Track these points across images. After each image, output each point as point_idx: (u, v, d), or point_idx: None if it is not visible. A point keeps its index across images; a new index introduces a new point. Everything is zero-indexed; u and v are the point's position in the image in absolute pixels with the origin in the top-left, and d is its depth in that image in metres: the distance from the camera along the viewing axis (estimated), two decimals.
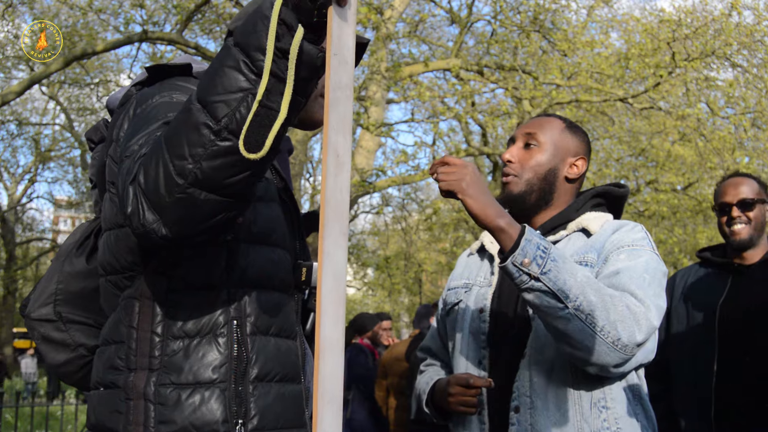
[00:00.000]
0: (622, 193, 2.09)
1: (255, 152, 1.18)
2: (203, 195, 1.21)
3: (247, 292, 1.46)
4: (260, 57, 1.17)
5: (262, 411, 1.43)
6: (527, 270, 1.66)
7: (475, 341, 1.97)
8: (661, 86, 10.84)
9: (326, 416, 1.11)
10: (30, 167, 24.49)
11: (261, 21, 1.18)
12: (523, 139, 2.05)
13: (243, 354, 1.43)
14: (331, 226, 1.13)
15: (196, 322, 1.43)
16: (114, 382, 1.45)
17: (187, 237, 1.28)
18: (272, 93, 1.18)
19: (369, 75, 10.43)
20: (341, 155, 1.15)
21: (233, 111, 1.18)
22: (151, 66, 1.57)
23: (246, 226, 1.46)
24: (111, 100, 1.63)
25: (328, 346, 1.12)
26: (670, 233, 13.44)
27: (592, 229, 1.95)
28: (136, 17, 11.00)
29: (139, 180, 1.24)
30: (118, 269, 1.49)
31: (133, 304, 1.46)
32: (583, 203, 2.05)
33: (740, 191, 2.91)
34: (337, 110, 1.15)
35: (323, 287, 1.12)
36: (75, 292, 1.70)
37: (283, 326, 1.51)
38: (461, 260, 2.21)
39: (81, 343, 1.69)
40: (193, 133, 1.19)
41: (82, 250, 1.72)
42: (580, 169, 2.05)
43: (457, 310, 2.07)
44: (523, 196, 2.01)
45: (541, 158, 2.01)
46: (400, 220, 16.80)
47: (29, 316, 1.72)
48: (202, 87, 1.22)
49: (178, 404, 1.39)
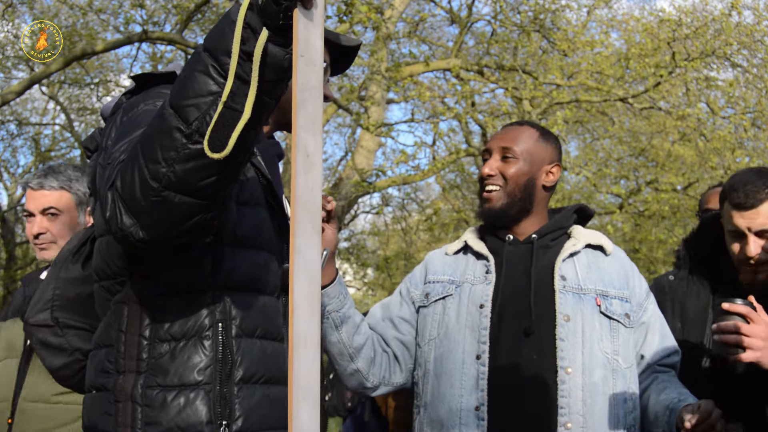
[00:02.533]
0: (592, 213, 2.27)
1: (219, 152, 1.20)
2: (178, 198, 1.24)
3: (232, 295, 1.48)
4: (227, 60, 1.20)
5: (247, 412, 1.45)
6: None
7: (472, 335, 1.98)
8: (661, 86, 10.83)
9: (302, 413, 1.12)
10: (30, 167, 24.48)
11: (228, 26, 1.21)
12: (499, 153, 2.11)
13: (228, 356, 1.45)
14: (302, 223, 1.16)
15: (182, 326, 1.45)
16: (104, 385, 1.48)
17: (164, 239, 1.30)
18: (237, 95, 1.20)
19: (369, 75, 10.42)
20: (311, 154, 1.18)
21: (203, 114, 1.21)
22: (137, 75, 1.60)
23: (230, 230, 1.48)
24: (104, 109, 1.65)
25: (302, 342, 1.13)
26: (670, 233, 13.42)
27: (607, 248, 2.11)
28: (136, 17, 10.99)
29: (117, 185, 1.27)
30: (109, 275, 1.51)
31: (122, 308, 1.49)
32: (570, 215, 2.16)
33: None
34: (305, 110, 1.17)
35: (295, 284, 1.14)
36: (71, 298, 1.74)
37: (269, 329, 1.52)
38: (436, 258, 2.22)
39: (77, 347, 1.73)
40: (166, 137, 1.22)
41: (78, 256, 1.76)
42: (556, 176, 2.13)
43: (446, 303, 2.08)
44: (506, 210, 2.07)
45: (519, 169, 2.08)
46: (400, 220, 16.80)
47: (27, 321, 1.76)
48: (174, 92, 1.25)
49: (164, 406, 1.41)
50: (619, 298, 2.03)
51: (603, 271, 2.05)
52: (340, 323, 2.00)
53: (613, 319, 1.98)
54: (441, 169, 12.77)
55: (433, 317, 2.09)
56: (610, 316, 1.98)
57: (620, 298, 2.03)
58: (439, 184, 16.60)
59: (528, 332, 1.94)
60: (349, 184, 11.26)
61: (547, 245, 2.07)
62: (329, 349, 2.04)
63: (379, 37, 10.04)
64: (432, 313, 2.10)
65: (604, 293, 2.02)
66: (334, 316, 1.98)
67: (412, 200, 17.18)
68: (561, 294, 1.96)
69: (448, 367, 2.00)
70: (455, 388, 1.97)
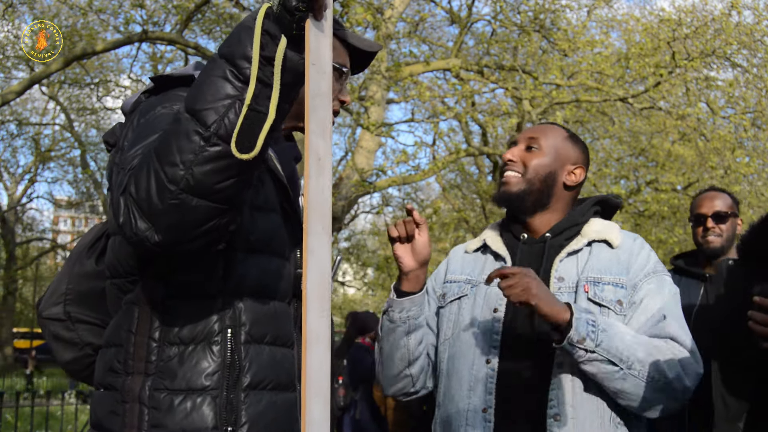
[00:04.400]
0: (617, 203, 2.20)
1: (248, 153, 1.24)
2: (195, 201, 1.25)
3: (243, 300, 1.49)
4: (246, 65, 1.24)
5: (253, 418, 1.46)
6: (583, 346, 1.80)
7: (484, 338, 1.99)
8: (661, 86, 10.83)
9: (314, 408, 1.16)
10: (30, 167, 24.51)
11: (245, 32, 1.26)
12: (525, 142, 2.11)
13: (236, 362, 1.46)
14: (314, 224, 1.21)
15: (191, 330, 1.46)
16: (112, 384, 1.49)
17: (179, 243, 1.31)
18: (260, 97, 1.25)
19: (369, 75, 10.42)
20: (322, 158, 1.24)
21: (222, 117, 1.24)
22: (157, 76, 1.62)
23: (243, 236, 1.49)
24: (125, 105, 1.66)
25: (315, 338, 1.18)
26: (670, 233, 13.42)
27: (614, 241, 2.04)
28: (136, 17, 10.99)
29: (130, 190, 1.28)
30: (121, 273, 1.53)
31: (132, 309, 1.50)
32: (588, 209, 2.12)
33: (715, 204, 3.18)
34: (316, 115, 1.24)
35: (308, 283, 1.19)
36: (84, 293, 1.74)
37: (279, 334, 1.53)
38: (457, 256, 2.23)
39: (88, 342, 1.74)
40: (184, 140, 1.24)
41: (92, 251, 1.76)
42: (578, 177, 2.10)
43: (461, 303, 2.08)
44: (522, 196, 2.05)
45: (543, 160, 2.07)
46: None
47: (41, 314, 1.78)
48: (190, 97, 1.27)
49: (170, 409, 1.42)
50: (614, 284, 1.96)
51: (602, 261, 2.01)
52: (414, 329, 2.03)
53: (602, 305, 1.93)
54: (441, 169, 12.77)
55: (449, 317, 2.10)
56: (599, 303, 1.93)
57: (615, 284, 1.96)
58: (439, 183, 16.62)
59: (538, 336, 1.94)
60: (349, 184, 11.27)
61: (560, 244, 2.05)
62: (391, 353, 2.06)
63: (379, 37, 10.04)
64: (448, 314, 2.11)
65: (597, 280, 1.97)
66: (411, 323, 2.02)
67: (412, 200, 17.19)
68: (557, 296, 1.95)
69: (459, 368, 2.01)
70: (464, 389, 1.98)
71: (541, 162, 2.06)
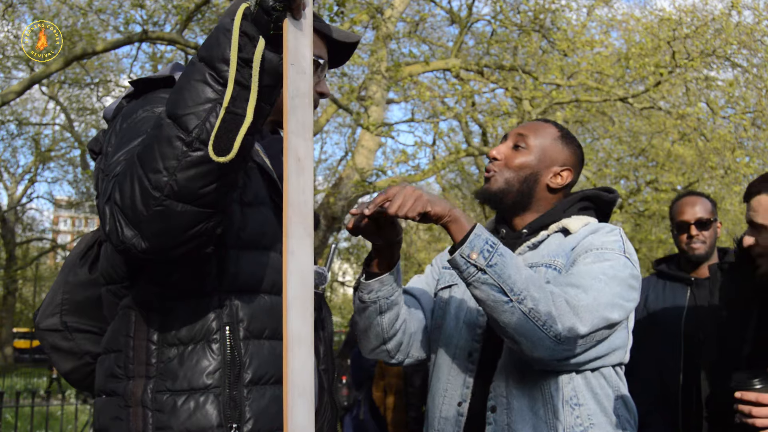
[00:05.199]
0: (611, 199, 2.09)
1: (224, 156, 1.23)
2: (180, 206, 1.25)
3: (239, 297, 1.49)
4: (224, 68, 1.23)
5: (257, 414, 1.46)
6: (474, 262, 1.69)
7: (468, 332, 1.98)
8: (661, 86, 10.82)
9: (298, 409, 1.15)
10: (30, 167, 24.48)
11: (223, 34, 1.24)
12: (513, 140, 2.07)
13: (237, 359, 1.46)
14: (294, 226, 1.20)
15: (189, 330, 1.46)
16: (114, 390, 1.49)
17: (166, 249, 1.31)
18: (238, 100, 1.24)
19: (369, 75, 10.42)
20: (302, 158, 1.23)
21: (203, 121, 1.23)
22: (136, 80, 1.61)
23: (235, 233, 1.49)
24: (106, 112, 1.66)
25: (296, 340, 1.17)
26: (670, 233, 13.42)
27: (572, 229, 1.97)
28: (136, 17, 11.00)
29: (115, 198, 1.28)
30: (116, 279, 1.53)
31: (129, 313, 1.50)
32: (570, 205, 2.05)
33: (696, 211, 3.21)
34: (295, 116, 1.22)
35: (288, 285, 1.17)
36: (80, 302, 1.75)
37: (278, 328, 1.52)
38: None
39: (87, 350, 1.75)
40: (166, 146, 1.23)
41: (85, 260, 1.77)
42: (564, 180, 2.06)
43: (451, 292, 2.08)
44: (499, 195, 2.03)
45: (525, 160, 2.03)
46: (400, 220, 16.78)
47: (38, 326, 1.79)
48: (171, 102, 1.26)
49: (174, 410, 1.42)
50: (546, 265, 1.90)
51: (552, 247, 1.96)
52: (387, 309, 1.94)
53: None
54: (441, 169, 12.78)
55: (440, 305, 2.09)
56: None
57: (547, 265, 1.90)
58: (439, 184, 16.62)
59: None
60: (349, 184, 11.27)
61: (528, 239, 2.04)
62: (366, 330, 1.98)
63: (379, 37, 10.04)
64: (439, 301, 2.10)
65: (535, 264, 1.92)
66: (382, 303, 1.92)
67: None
68: None
69: (441, 359, 2.01)
70: (442, 381, 1.99)
71: (523, 162, 2.02)
